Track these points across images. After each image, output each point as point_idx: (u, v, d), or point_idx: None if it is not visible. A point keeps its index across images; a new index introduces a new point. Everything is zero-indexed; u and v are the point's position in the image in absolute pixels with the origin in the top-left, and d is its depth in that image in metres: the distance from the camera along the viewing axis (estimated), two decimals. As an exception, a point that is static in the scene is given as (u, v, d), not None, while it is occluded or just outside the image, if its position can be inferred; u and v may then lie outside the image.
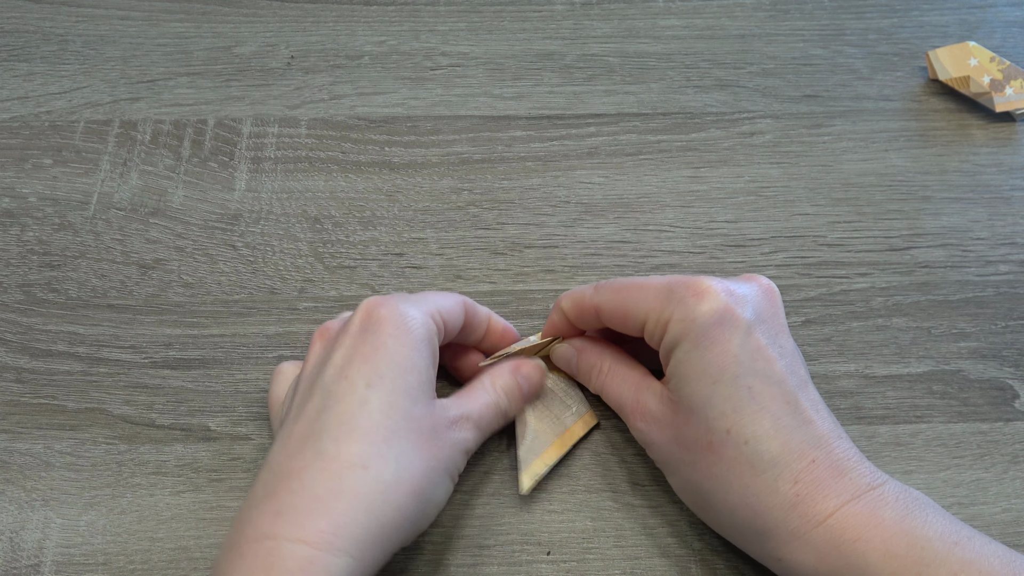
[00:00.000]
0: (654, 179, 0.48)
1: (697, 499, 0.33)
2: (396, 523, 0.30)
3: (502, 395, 0.36)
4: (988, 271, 0.45)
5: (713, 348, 0.31)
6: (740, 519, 0.31)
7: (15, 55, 0.53)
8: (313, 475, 0.29)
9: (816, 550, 0.29)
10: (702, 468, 0.31)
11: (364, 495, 0.29)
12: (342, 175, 0.48)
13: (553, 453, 0.37)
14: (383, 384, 0.31)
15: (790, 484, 0.30)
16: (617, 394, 0.36)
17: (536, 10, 0.57)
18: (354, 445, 0.29)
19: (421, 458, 0.31)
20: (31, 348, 0.41)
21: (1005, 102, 0.51)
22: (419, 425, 0.31)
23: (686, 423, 0.32)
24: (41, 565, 0.35)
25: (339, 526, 0.28)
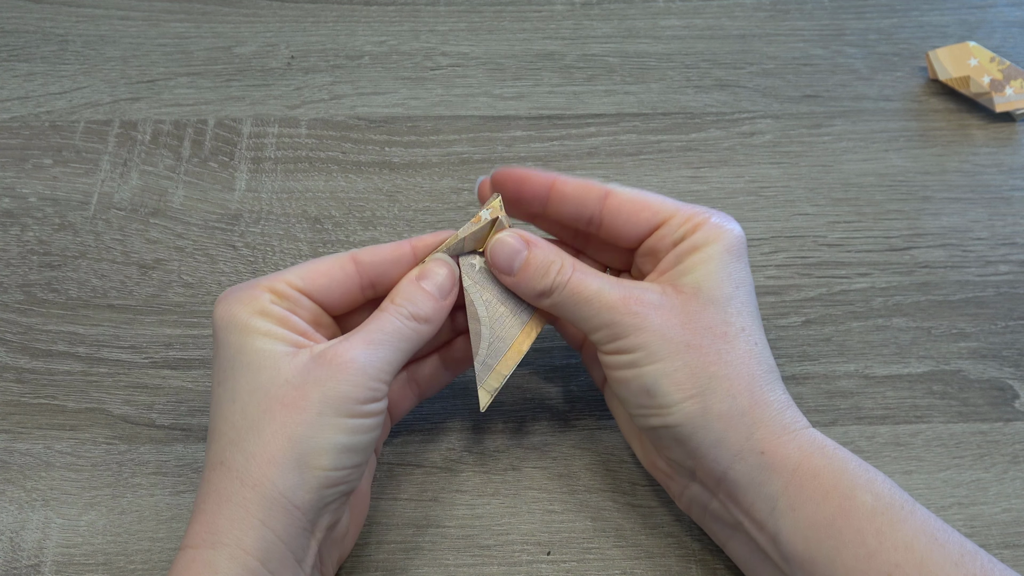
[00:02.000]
0: (654, 179, 0.48)
1: (692, 383, 0.31)
2: (263, 497, 0.29)
3: (401, 306, 0.33)
4: (988, 271, 0.45)
5: (740, 260, 0.34)
6: (740, 404, 0.31)
7: (15, 55, 0.53)
8: (200, 487, 0.31)
9: (802, 447, 0.31)
10: (712, 352, 0.32)
11: (221, 489, 0.29)
12: (342, 175, 0.48)
13: (511, 359, 0.35)
14: (226, 376, 0.31)
15: (782, 391, 0.33)
16: (595, 288, 0.33)
17: (536, 10, 0.57)
18: (214, 447, 0.31)
19: (272, 425, 0.30)
20: (31, 348, 0.41)
21: (1005, 102, 0.51)
22: (264, 394, 0.30)
23: (702, 311, 0.32)
24: (41, 565, 0.35)
25: (210, 524, 0.29)
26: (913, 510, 0.29)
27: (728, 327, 0.32)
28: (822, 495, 0.30)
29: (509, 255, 0.34)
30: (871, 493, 0.30)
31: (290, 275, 0.33)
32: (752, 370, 0.32)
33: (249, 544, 0.29)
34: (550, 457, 0.39)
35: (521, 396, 0.40)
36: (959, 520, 0.37)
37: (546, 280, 0.33)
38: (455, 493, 0.38)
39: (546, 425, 0.40)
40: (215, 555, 0.29)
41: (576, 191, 0.35)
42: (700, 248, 0.33)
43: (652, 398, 0.32)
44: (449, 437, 0.39)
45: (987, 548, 0.36)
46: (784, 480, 0.30)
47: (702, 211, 0.34)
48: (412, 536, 0.36)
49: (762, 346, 0.33)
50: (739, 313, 0.33)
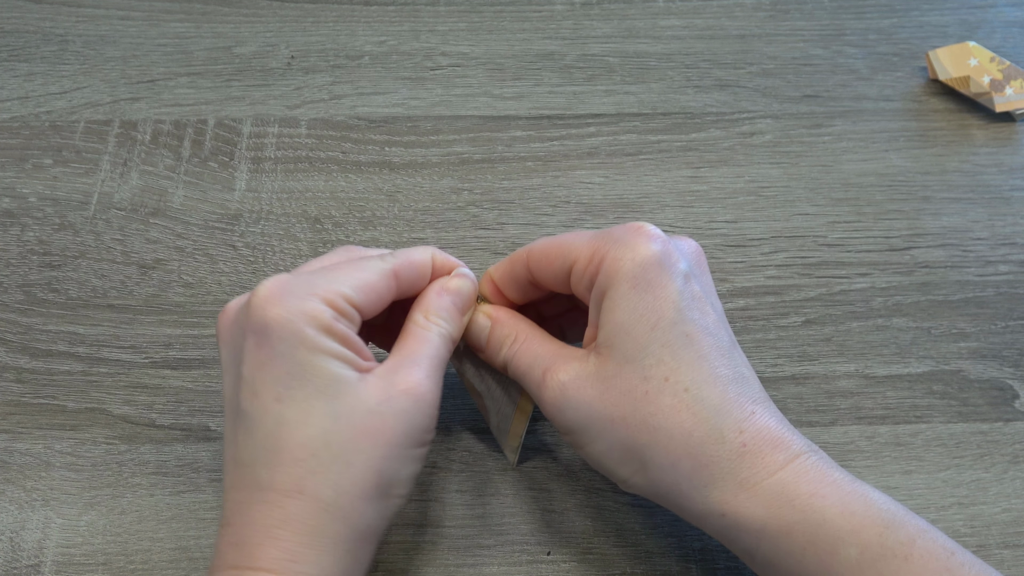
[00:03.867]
0: (654, 179, 0.48)
1: (629, 459, 0.30)
2: (353, 529, 0.29)
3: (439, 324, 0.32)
4: (988, 271, 0.45)
5: (652, 291, 0.30)
6: (683, 471, 0.29)
7: (15, 55, 0.53)
8: (257, 508, 0.29)
9: (767, 503, 0.28)
10: (636, 422, 0.29)
11: (306, 520, 0.28)
12: (342, 175, 0.48)
13: (521, 420, 0.36)
14: (292, 395, 0.29)
15: (735, 433, 0.29)
16: (530, 358, 0.32)
17: (536, 10, 0.57)
18: (284, 471, 0.29)
19: (360, 458, 0.29)
20: (31, 348, 0.41)
21: (1005, 102, 0.51)
22: (347, 422, 0.29)
23: (618, 374, 0.30)
24: (41, 565, 0.35)
25: (291, 552, 0.28)
26: (909, 555, 0.27)
27: (648, 384, 0.29)
28: (800, 552, 0.28)
29: (478, 332, 0.34)
30: (856, 546, 0.27)
31: (346, 287, 0.30)
32: (687, 427, 0.29)
33: (331, 573, 0.28)
34: (550, 457, 0.39)
35: (521, 396, 0.40)
36: (959, 520, 0.37)
37: (500, 356, 0.34)
38: (455, 493, 0.38)
39: (546, 425, 0.40)
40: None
41: (505, 270, 0.34)
42: (606, 292, 0.30)
43: (607, 473, 0.32)
44: (449, 437, 0.39)
45: (987, 548, 0.36)
46: (753, 539, 0.29)
47: (601, 245, 0.31)
48: (412, 536, 0.36)
49: (694, 386, 0.29)
50: (659, 361, 0.29)
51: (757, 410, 0.30)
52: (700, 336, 0.30)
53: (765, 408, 0.30)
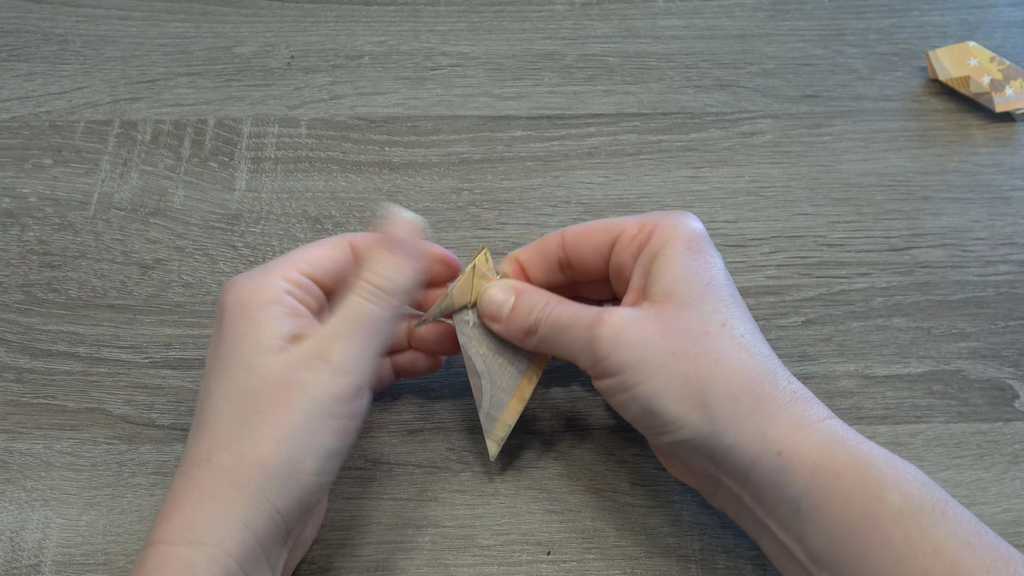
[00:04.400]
0: (654, 179, 0.48)
1: (689, 393, 0.30)
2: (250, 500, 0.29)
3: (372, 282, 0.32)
4: (988, 271, 0.45)
5: (703, 255, 0.32)
6: (745, 405, 0.30)
7: (15, 55, 0.53)
8: (176, 479, 0.30)
9: (821, 444, 0.29)
10: (699, 355, 0.30)
11: (204, 487, 0.29)
12: (342, 175, 0.48)
13: (514, 408, 0.36)
14: (222, 369, 0.30)
15: (786, 381, 0.31)
16: (573, 310, 0.33)
17: (536, 10, 0.57)
18: (200, 441, 0.30)
19: (265, 428, 0.29)
20: (31, 348, 0.41)
21: (1005, 102, 0.51)
22: (257, 393, 0.30)
23: (677, 316, 0.31)
24: (41, 565, 0.35)
25: (187, 519, 0.28)
26: (945, 511, 0.28)
27: (708, 326, 0.31)
28: (847, 496, 0.28)
29: (498, 303, 0.35)
30: (899, 493, 0.28)
31: (299, 260, 0.33)
32: (747, 364, 0.30)
33: (231, 546, 0.28)
34: (550, 457, 0.39)
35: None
36: (959, 520, 0.37)
37: (530, 318, 0.34)
38: (455, 493, 0.38)
39: (546, 425, 0.40)
40: (194, 554, 0.28)
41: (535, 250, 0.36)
42: (658, 253, 0.32)
43: (655, 417, 0.31)
44: (449, 437, 0.39)
45: (987, 548, 0.36)
46: (805, 481, 0.29)
47: (652, 216, 0.34)
48: (412, 536, 0.36)
49: (751, 336, 0.31)
50: (715, 310, 0.31)
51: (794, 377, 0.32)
52: (740, 302, 0.33)
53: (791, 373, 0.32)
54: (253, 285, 0.32)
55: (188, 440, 0.31)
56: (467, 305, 0.36)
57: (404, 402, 0.40)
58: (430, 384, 0.41)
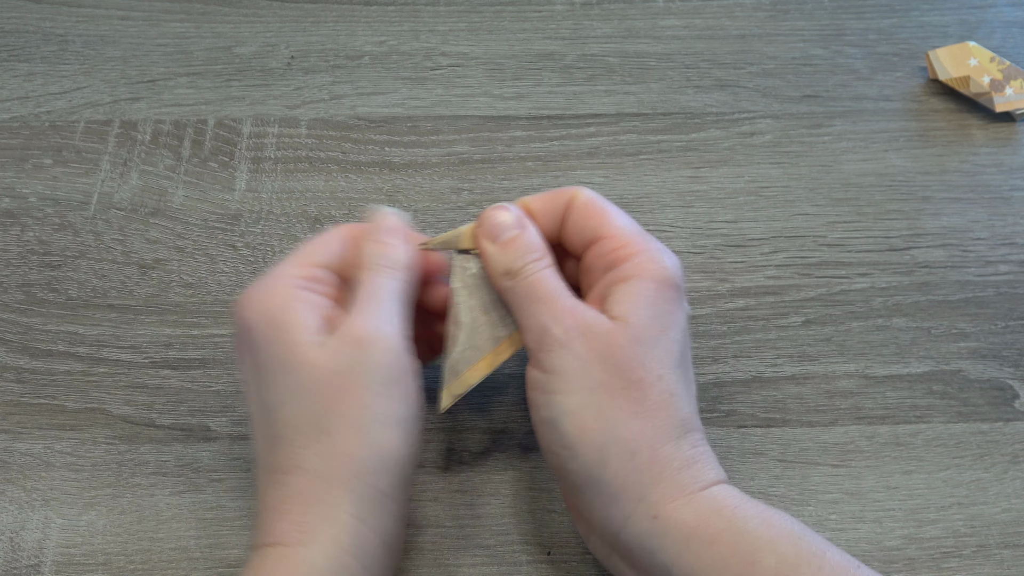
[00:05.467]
0: (654, 179, 0.48)
1: (594, 427, 0.30)
2: (354, 492, 0.29)
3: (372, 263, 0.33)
4: (988, 271, 0.45)
5: (669, 304, 0.32)
6: (640, 461, 0.30)
7: (15, 55, 0.53)
8: (269, 490, 0.31)
9: (698, 511, 0.29)
10: (621, 398, 0.30)
11: (306, 492, 0.30)
12: (342, 175, 0.48)
13: (481, 369, 0.34)
14: (270, 382, 0.31)
15: (689, 446, 0.31)
16: (555, 285, 0.32)
17: (536, 10, 0.57)
18: (281, 451, 0.30)
19: (336, 422, 0.30)
20: (31, 348, 0.41)
21: (1005, 102, 0.51)
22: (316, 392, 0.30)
23: (625, 347, 0.30)
24: (41, 565, 0.35)
25: (298, 523, 0.29)
26: (821, 565, 0.28)
27: (646, 372, 0.30)
28: (721, 563, 0.28)
29: (504, 226, 0.34)
30: (774, 554, 0.28)
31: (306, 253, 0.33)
32: (659, 423, 0.30)
33: (346, 541, 0.29)
34: (550, 457, 0.39)
35: (521, 396, 0.40)
36: (959, 520, 0.37)
37: (519, 262, 0.33)
38: (455, 493, 0.38)
39: (546, 425, 0.40)
40: (310, 552, 0.29)
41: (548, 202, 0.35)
42: (629, 280, 0.32)
43: (555, 434, 0.31)
44: (449, 437, 0.39)
45: (987, 548, 0.36)
46: (678, 548, 0.29)
47: (639, 241, 0.33)
48: (412, 536, 0.36)
49: (678, 396, 0.31)
50: (660, 359, 0.31)
51: (703, 437, 0.32)
52: (688, 363, 0.33)
53: (704, 437, 0.32)
54: (268, 292, 0.32)
55: (260, 452, 0.31)
56: (473, 250, 0.35)
57: (404, 402, 0.40)
58: (430, 384, 0.41)
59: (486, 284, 0.35)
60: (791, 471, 0.38)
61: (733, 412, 0.40)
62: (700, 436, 0.32)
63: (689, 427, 0.31)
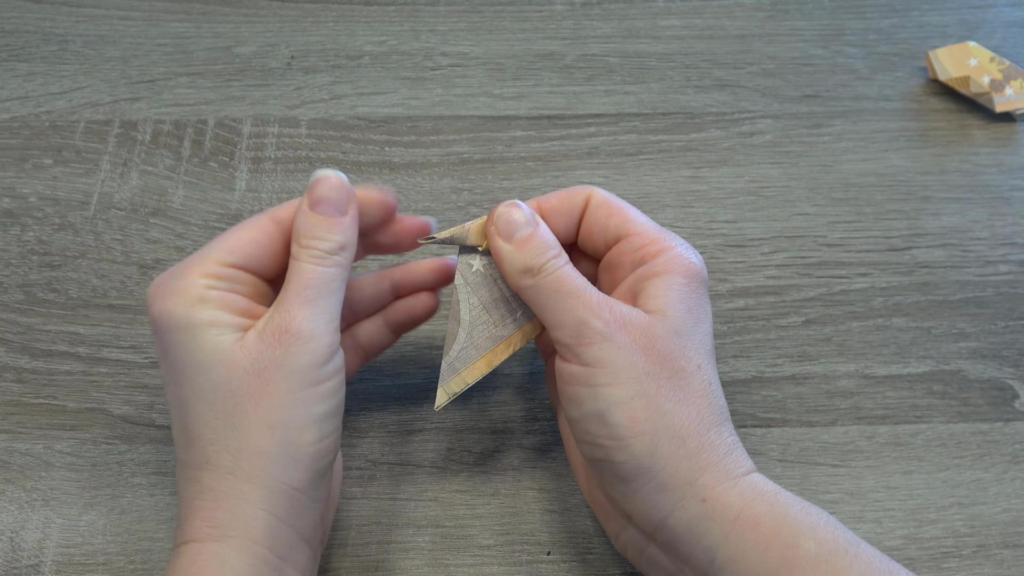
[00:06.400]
0: (654, 179, 0.48)
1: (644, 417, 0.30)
2: (264, 488, 0.29)
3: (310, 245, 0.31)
4: (988, 271, 0.45)
5: (700, 296, 0.32)
6: (689, 447, 0.30)
7: (15, 55, 0.53)
8: (183, 486, 0.31)
9: (743, 494, 0.30)
10: (667, 386, 0.30)
11: (216, 488, 0.29)
12: (342, 175, 0.48)
13: (479, 369, 0.34)
14: (183, 377, 0.30)
15: (729, 433, 0.31)
16: (580, 281, 0.32)
17: (536, 10, 0.57)
18: (192, 447, 0.30)
19: (247, 419, 0.29)
20: (31, 348, 0.41)
21: (1005, 102, 0.51)
22: (228, 388, 0.30)
23: (666, 338, 0.31)
24: (41, 565, 0.35)
25: (210, 519, 0.29)
26: (858, 553, 0.28)
27: (687, 361, 0.31)
28: (764, 545, 0.29)
29: (518, 224, 0.33)
30: (814, 540, 0.28)
31: (218, 252, 0.31)
32: (703, 410, 0.31)
33: (257, 533, 0.29)
34: (550, 457, 0.39)
35: (521, 396, 0.40)
36: (959, 520, 0.37)
37: (539, 259, 0.32)
38: (455, 493, 0.38)
39: (546, 425, 0.40)
40: (222, 547, 0.29)
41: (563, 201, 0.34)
42: (661, 275, 0.32)
43: (603, 426, 0.30)
44: (449, 437, 0.39)
45: (987, 548, 0.36)
46: (724, 530, 0.29)
47: (668, 238, 0.33)
48: (412, 536, 0.36)
49: (715, 386, 0.32)
50: (697, 350, 0.31)
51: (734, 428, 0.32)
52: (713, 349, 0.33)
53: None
54: (176, 291, 0.31)
55: (176, 448, 0.31)
56: (477, 247, 0.34)
57: (404, 402, 0.40)
58: (429, 384, 0.41)
59: (488, 282, 0.34)
60: (791, 471, 0.38)
61: (733, 412, 0.40)
62: (732, 427, 0.32)
63: (726, 415, 0.32)
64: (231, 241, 0.32)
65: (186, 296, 0.30)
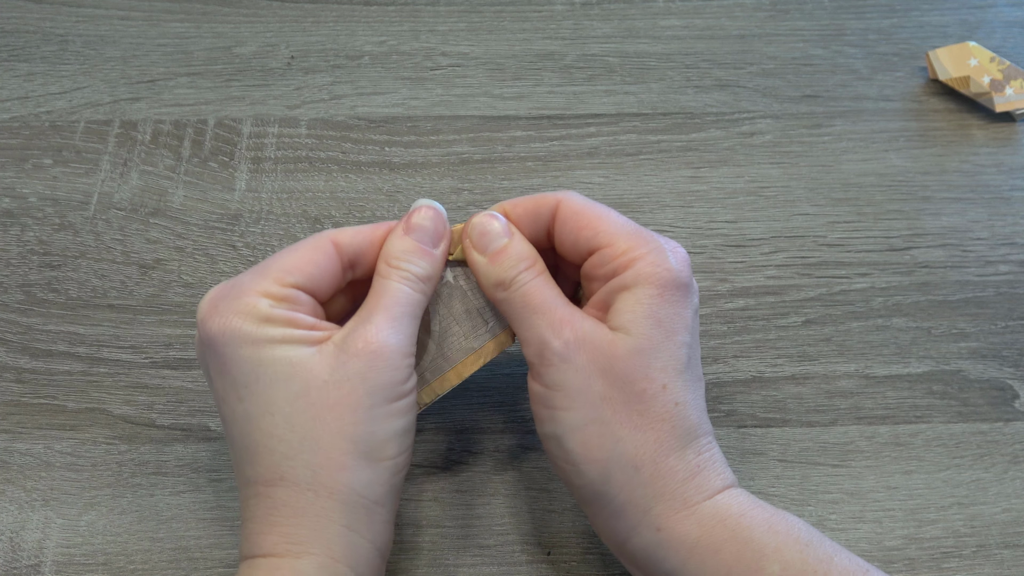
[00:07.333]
0: (654, 179, 0.48)
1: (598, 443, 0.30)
2: (343, 503, 0.29)
3: (401, 268, 0.31)
4: (988, 271, 0.45)
5: (674, 307, 0.31)
6: (643, 476, 0.29)
7: (15, 55, 0.53)
8: (253, 502, 0.30)
9: (702, 522, 0.29)
10: (623, 412, 0.30)
11: (293, 503, 0.29)
12: (342, 175, 0.48)
13: (450, 379, 0.34)
14: (250, 392, 0.30)
15: (695, 454, 0.30)
16: (549, 295, 0.31)
17: (536, 10, 0.57)
18: (262, 463, 0.29)
19: (326, 432, 0.29)
20: (31, 348, 0.41)
21: (1005, 102, 0.51)
22: (305, 401, 0.29)
23: (626, 359, 0.30)
24: (41, 565, 0.35)
25: (288, 535, 0.29)
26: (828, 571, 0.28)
27: (648, 383, 0.30)
28: (726, 571, 0.28)
29: (491, 235, 0.33)
30: (778, 562, 0.28)
31: (278, 272, 0.31)
32: (662, 436, 0.30)
33: (338, 551, 0.29)
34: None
35: (521, 396, 0.40)
36: (959, 520, 0.37)
37: (511, 271, 0.32)
38: (455, 493, 0.38)
39: (546, 425, 0.40)
40: (302, 564, 0.28)
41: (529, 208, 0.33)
42: (630, 288, 0.31)
43: (559, 449, 0.31)
44: (449, 437, 0.39)
45: (987, 548, 0.36)
46: (682, 557, 0.29)
47: (640, 244, 0.31)
48: (412, 536, 0.36)
49: (683, 405, 0.30)
50: (664, 368, 0.30)
51: (711, 440, 0.31)
52: (695, 364, 0.32)
53: (713, 438, 0.32)
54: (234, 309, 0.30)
55: (239, 465, 0.31)
56: (448, 256, 0.34)
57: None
58: (430, 384, 0.41)
59: (459, 294, 0.34)
60: (791, 471, 0.38)
61: (733, 412, 0.40)
62: (708, 440, 0.31)
63: (696, 433, 0.31)
64: (290, 261, 0.31)
65: (251, 315, 0.30)
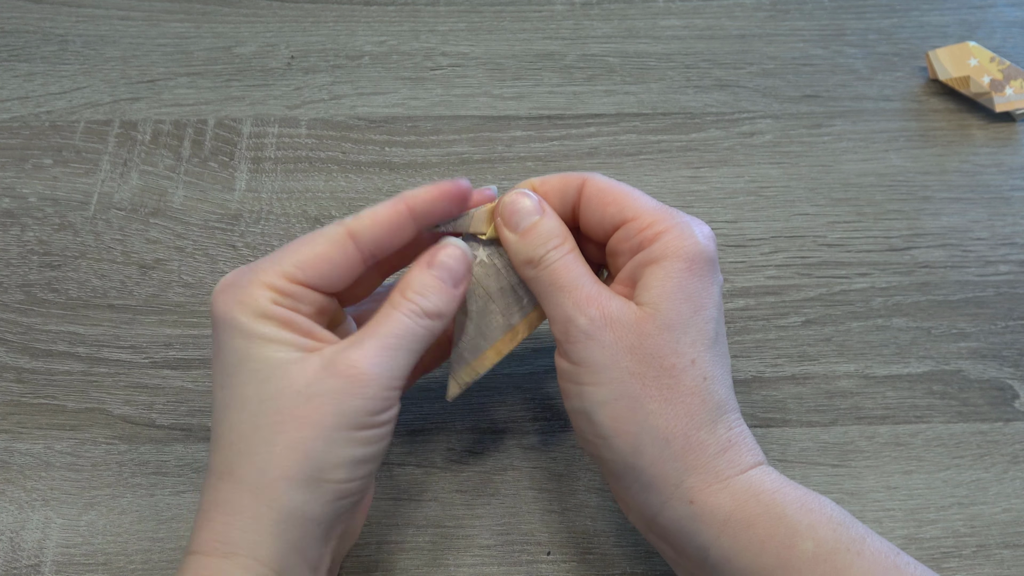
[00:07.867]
0: (654, 179, 0.48)
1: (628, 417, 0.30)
2: (279, 512, 0.28)
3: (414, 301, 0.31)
4: (988, 271, 0.45)
5: (702, 281, 0.31)
6: (674, 449, 0.30)
7: (15, 55, 0.53)
8: (205, 494, 0.30)
9: (735, 496, 0.29)
10: (653, 386, 0.30)
11: (232, 501, 0.29)
12: (342, 175, 0.48)
13: (490, 358, 0.34)
14: (230, 382, 0.29)
15: (726, 429, 0.30)
16: (577, 272, 0.31)
17: (536, 10, 0.57)
18: (220, 454, 0.29)
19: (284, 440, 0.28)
20: (31, 348, 0.41)
21: (1005, 102, 0.51)
22: (274, 405, 0.29)
23: (655, 335, 0.30)
24: (41, 565, 0.35)
25: (219, 532, 0.28)
26: (861, 550, 0.28)
27: (678, 358, 0.30)
28: (759, 546, 0.28)
29: (522, 212, 0.33)
30: (812, 539, 0.28)
31: (288, 266, 0.30)
32: (692, 409, 0.30)
33: (264, 555, 0.28)
34: (550, 457, 0.39)
35: (521, 396, 0.40)
36: (959, 520, 0.37)
37: (541, 249, 0.32)
38: (455, 493, 0.38)
39: (546, 425, 0.40)
40: (228, 564, 0.28)
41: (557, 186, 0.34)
42: (657, 262, 0.31)
43: (589, 424, 0.31)
44: (449, 437, 0.39)
45: (987, 548, 0.36)
46: (715, 531, 0.29)
47: (667, 218, 0.32)
48: (412, 536, 0.36)
49: (712, 379, 0.30)
50: (693, 343, 0.30)
51: (740, 417, 0.31)
52: (722, 339, 0.32)
53: (741, 417, 0.32)
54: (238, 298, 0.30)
55: (210, 449, 0.30)
56: (481, 235, 0.34)
57: (404, 402, 0.40)
58: (430, 384, 0.41)
59: (493, 271, 0.34)
60: (791, 471, 0.38)
61: (733, 412, 0.40)
62: (736, 417, 0.31)
63: (725, 408, 0.31)
64: (303, 254, 0.31)
65: (249, 307, 0.29)
